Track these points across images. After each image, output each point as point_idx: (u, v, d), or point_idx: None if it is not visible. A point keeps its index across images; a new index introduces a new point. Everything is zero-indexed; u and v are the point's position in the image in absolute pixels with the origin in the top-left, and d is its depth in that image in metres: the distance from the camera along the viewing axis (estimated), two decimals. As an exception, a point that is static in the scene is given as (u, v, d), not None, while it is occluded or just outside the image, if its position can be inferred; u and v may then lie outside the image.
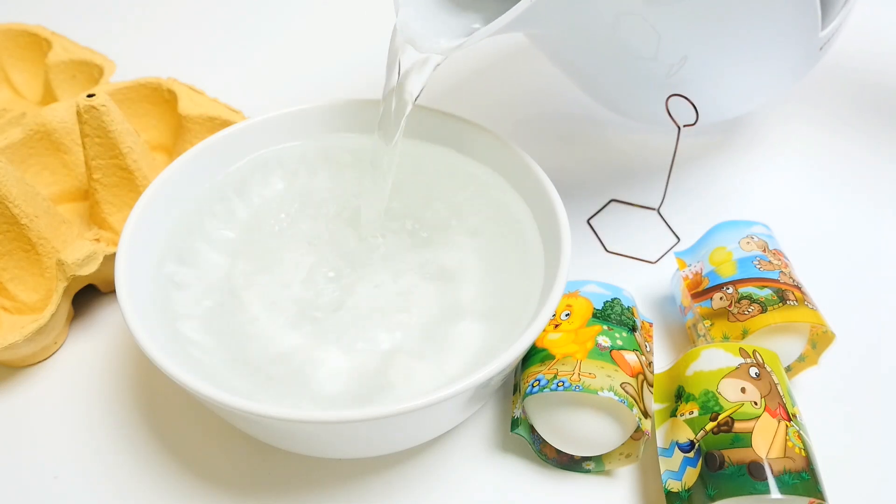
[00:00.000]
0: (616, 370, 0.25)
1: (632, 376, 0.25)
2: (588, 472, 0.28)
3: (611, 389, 0.25)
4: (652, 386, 0.27)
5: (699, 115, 0.32)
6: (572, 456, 0.28)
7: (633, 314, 0.28)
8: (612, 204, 0.38)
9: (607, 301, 0.28)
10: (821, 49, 0.35)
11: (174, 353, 0.24)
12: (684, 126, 0.34)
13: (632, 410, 0.25)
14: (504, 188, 0.32)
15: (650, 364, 0.27)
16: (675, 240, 0.37)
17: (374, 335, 0.30)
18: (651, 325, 0.29)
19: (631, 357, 0.26)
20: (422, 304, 0.32)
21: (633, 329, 0.27)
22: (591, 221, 0.37)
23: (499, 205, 0.32)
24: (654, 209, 0.38)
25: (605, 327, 0.27)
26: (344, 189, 0.35)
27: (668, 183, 0.36)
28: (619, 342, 0.26)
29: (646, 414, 0.25)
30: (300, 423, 0.21)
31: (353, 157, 0.34)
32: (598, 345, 0.26)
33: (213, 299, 0.30)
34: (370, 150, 0.34)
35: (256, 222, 0.33)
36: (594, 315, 0.27)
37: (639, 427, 0.26)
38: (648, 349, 0.28)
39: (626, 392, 0.25)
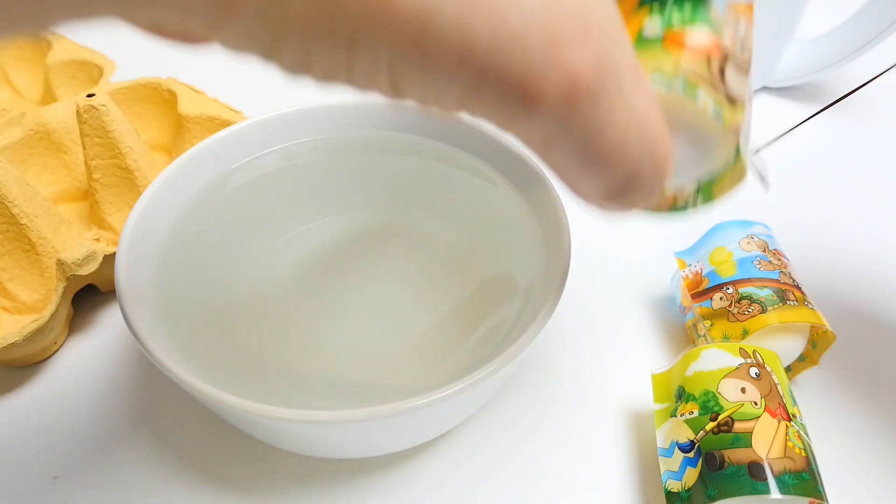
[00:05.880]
0: (666, 55, 0.18)
1: (698, 57, 0.18)
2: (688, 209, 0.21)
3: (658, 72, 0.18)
4: (743, 69, 0.19)
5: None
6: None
7: None
8: None
9: None
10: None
11: (174, 353, 0.24)
12: None
13: (695, 93, 0.18)
14: (502, 183, 0.32)
15: (743, 41, 0.19)
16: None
17: (374, 333, 0.31)
18: (751, 5, 0.20)
19: (697, 35, 0.18)
20: (420, 301, 0.32)
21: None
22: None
23: (500, 202, 0.32)
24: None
25: (656, 5, 0.19)
26: (346, 187, 0.35)
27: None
28: (676, 20, 0.19)
29: (731, 100, 0.18)
30: (300, 423, 0.21)
31: (354, 155, 0.34)
32: (643, 33, 0.19)
33: (214, 299, 0.30)
34: (371, 146, 0.34)
35: (257, 222, 0.33)
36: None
37: (718, 117, 0.18)
38: (742, 27, 0.19)
39: (685, 72, 0.18)
